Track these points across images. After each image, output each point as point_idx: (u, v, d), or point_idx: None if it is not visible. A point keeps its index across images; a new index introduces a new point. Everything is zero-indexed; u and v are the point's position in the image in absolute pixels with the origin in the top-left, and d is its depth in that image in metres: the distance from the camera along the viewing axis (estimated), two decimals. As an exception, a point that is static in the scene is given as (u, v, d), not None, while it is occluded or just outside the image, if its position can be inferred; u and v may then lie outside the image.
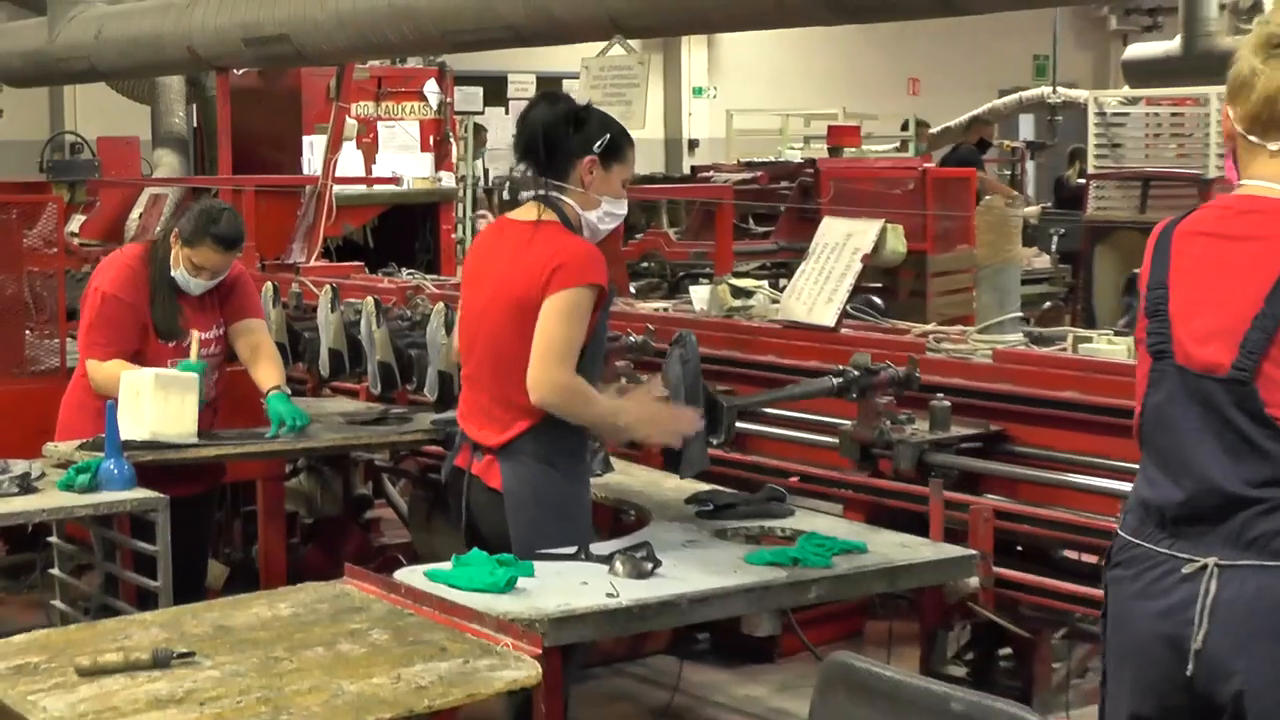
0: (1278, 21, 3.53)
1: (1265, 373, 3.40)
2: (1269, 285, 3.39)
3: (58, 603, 6.10)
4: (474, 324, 5.22)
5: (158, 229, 10.23)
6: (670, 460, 5.14)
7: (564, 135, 5.08)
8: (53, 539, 6.12)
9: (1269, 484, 3.41)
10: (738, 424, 6.43)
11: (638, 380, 6.70)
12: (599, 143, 5.08)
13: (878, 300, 9.08)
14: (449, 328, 6.63)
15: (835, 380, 5.47)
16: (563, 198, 5.09)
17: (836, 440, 5.70)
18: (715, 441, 5.23)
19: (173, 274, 6.43)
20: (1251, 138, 3.52)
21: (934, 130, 20.48)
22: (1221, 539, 3.45)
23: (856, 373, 5.41)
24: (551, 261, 4.95)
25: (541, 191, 5.11)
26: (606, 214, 5.15)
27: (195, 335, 6.46)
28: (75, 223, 11.10)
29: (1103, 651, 3.77)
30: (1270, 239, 3.43)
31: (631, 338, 6.74)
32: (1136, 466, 3.75)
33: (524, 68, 22.96)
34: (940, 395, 5.46)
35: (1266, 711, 3.27)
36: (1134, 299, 12.41)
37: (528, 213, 5.14)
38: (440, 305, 7.02)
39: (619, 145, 5.14)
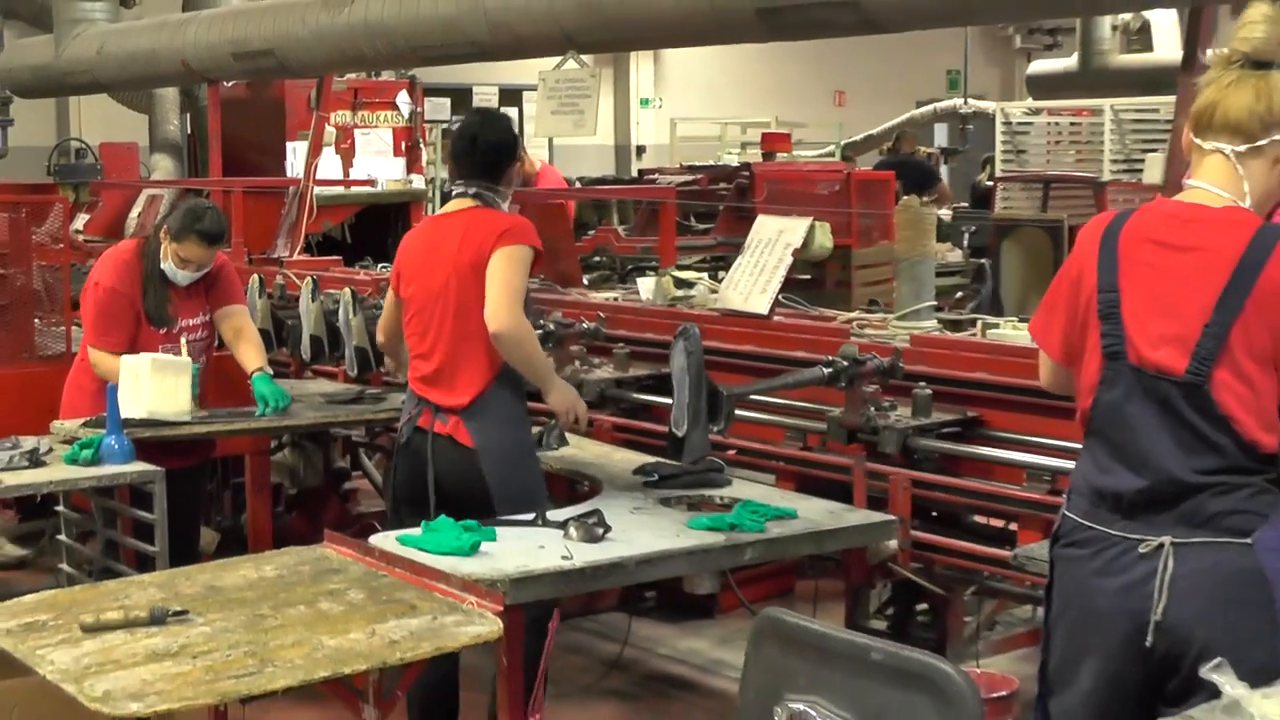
0: (1238, 39, 3.52)
1: (1217, 377, 3.39)
2: (1216, 294, 3.37)
3: (64, 566, 6.08)
4: (432, 302, 5.33)
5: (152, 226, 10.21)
6: (674, 447, 5.07)
7: (508, 150, 5.47)
8: (59, 508, 6.12)
9: (1221, 472, 3.42)
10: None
11: (591, 364, 6.71)
12: (516, 149, 5.51)
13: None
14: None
15: (825, 370, 5.39)
16: (496, 196, 5.41)
17: (825, 425, 5.56)
18: (715, 429, 5.14)
19: (162, 266, 6.41)
20: (1195, 138, 3.53)
21: (857, 138, 20.53)
22: (1175, 519, 3.44)
23: (845, 363, 5.34)
24: (499, 227, 5.27)
25: (484, 191, 5.40)
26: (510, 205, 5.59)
27: (184, 341, 6.48)
28: (80, 221, 11.05)
29: (1046, 621, 3.74)
30: (1212, 249, 3.41)
31: (585, 324, 6.74)
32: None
33: (487, 80, 22.92)
34: (923, 384, 5.36)
35: None
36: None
37: (458, 204, 5.44)
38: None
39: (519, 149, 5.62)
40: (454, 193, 5.55)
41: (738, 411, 6.04)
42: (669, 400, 6.44)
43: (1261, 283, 3.34)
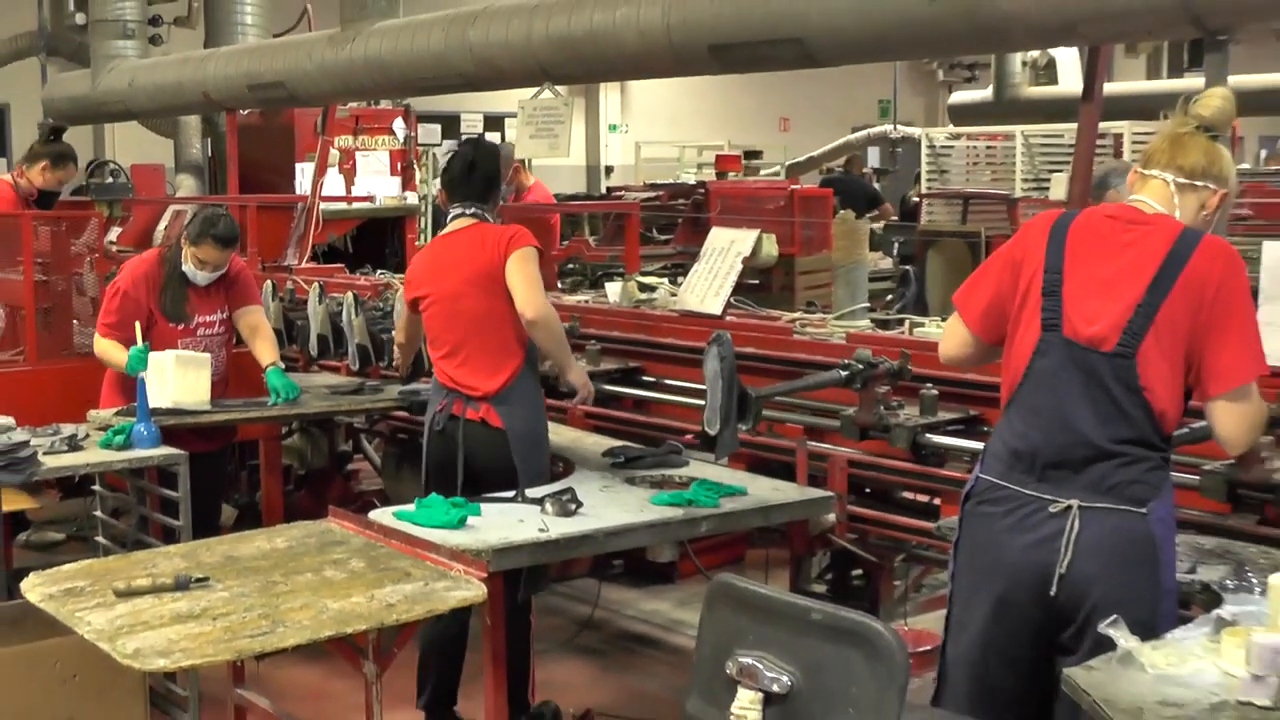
0: (1199, 106, 3.70)
1: (1143, 351, 3.46)
2: (1148, 281, 3.48)
3: (100, 538, 6.06)
4: (450, 306, 5.41)
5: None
6: (706, 444, 4.96)
7: (496, 175, 5.61)
8: (96, 488, 6.11)
9: (1129, 442, 3.48)
10: (642, 392, 6.47)
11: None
12: (502, 175, 5.66)
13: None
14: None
15: (842, 373, 5.27)
16: (488, 214, 5.51)
17: (838, 423, 5.39)
18: (744, 427, 4.98)
19: (183, 269, 6.42)
20: (1142, 170, 3.70)
21: (799, 159, 20.52)
22: (1082, 485, 3.50)
23: (860, 366, 5.23)
24: (505, 235, 5.36)
25: (480, 210, 5.50)
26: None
27: (199, 335, 6.51)
28: (113, 233, 10.97)
29: (953, 572, 3.77)
30: (1145, 245, 3.53)
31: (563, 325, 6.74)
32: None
33: (473, 108, 22.87)
34: (929, 385, 5.24)
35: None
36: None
37: (460, 224, 5.49)
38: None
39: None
40: (453, 214, 5.57)
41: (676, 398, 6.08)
42: (636, 391, 6.48)
43: (1187, 271, 3.45)
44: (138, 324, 6.29)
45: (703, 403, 6.04)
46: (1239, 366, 3.46)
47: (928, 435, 5.16)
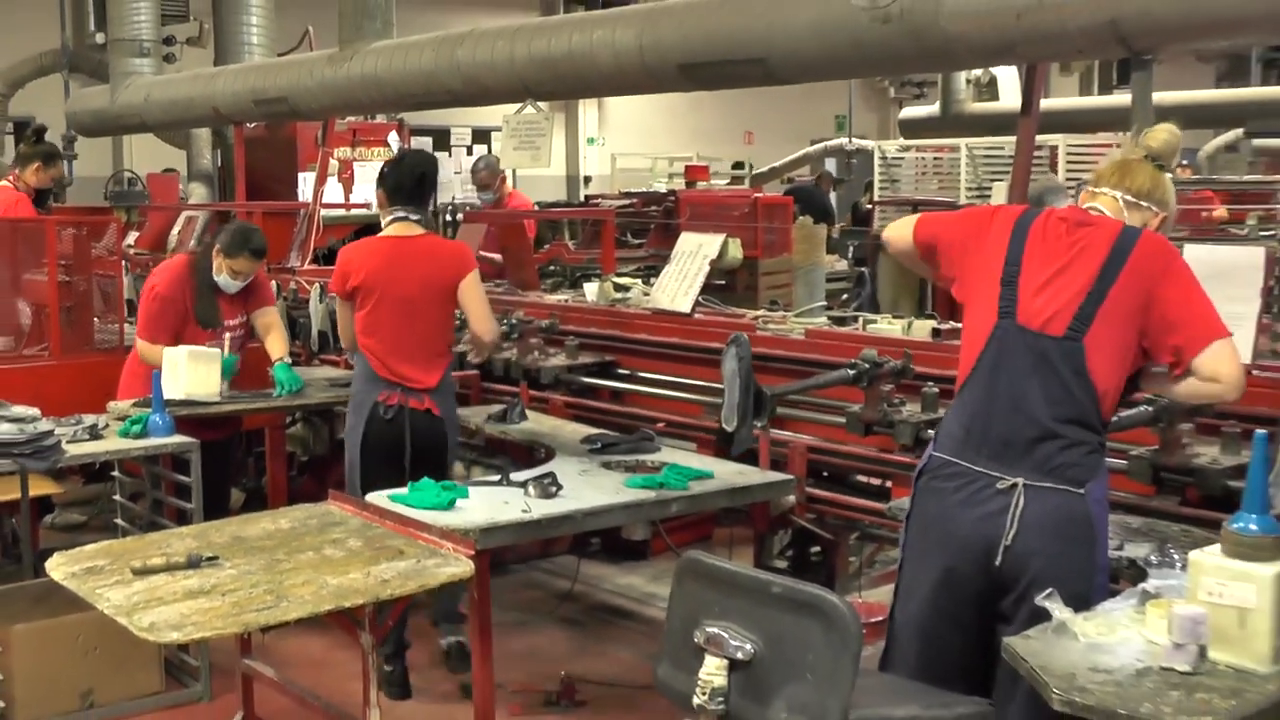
0: (1149, 137, 3.78)
1: (1091, 336, 3.50)
2: (1095, 273, 3.53)
3: (119, 520, 6.05)
4: (402, 308, 5.50)
5: (192, 243, 10.14)
6: (724, 440, 4.81)
7: (430, 182, 5.67)
8: (115, 473, 6.12)
9: (1072, 422, 3.51)
10: (629, 386, 6.47)
11: (547, 353, 6.69)
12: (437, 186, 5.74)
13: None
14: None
15: (850, 371, 5.16)
16: (424, 222, 5.65)
17: (844, 419, 5.25)
18: (759, 424, 4.91)
19: (215, 279, 6.45)
20: (1093, 188, 3.76)
21: (761, 169, 20.51)
22: (1028, 465, 3.52)
23: (867, 365, 5.16)
24: (458, 253, 5.63)
25: (424, 215, 5.67)
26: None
27: (226, 338, 6.53)
28: (131, 237, 10.92)
29: (904, 542, 3.78)
30: (1092, 243, 3.58)
31: (542, 321, 6.73)
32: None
33: (462, 122, 22.77)
34: (930, 384, 5.10)
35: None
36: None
37: (409, 229, 5.58)
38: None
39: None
40: (395, 217, 5.60)
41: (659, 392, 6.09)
42: (611, 383, 6.47)
43: (1131, 261, 3.51)
44: (226, 337, 6.49)
45: (675, 394, 6.08)
46: (1209, 326, 3.49)
47: (929, 430, 5.17)
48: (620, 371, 6.56)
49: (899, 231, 4.00)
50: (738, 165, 18.79)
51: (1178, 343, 3.49)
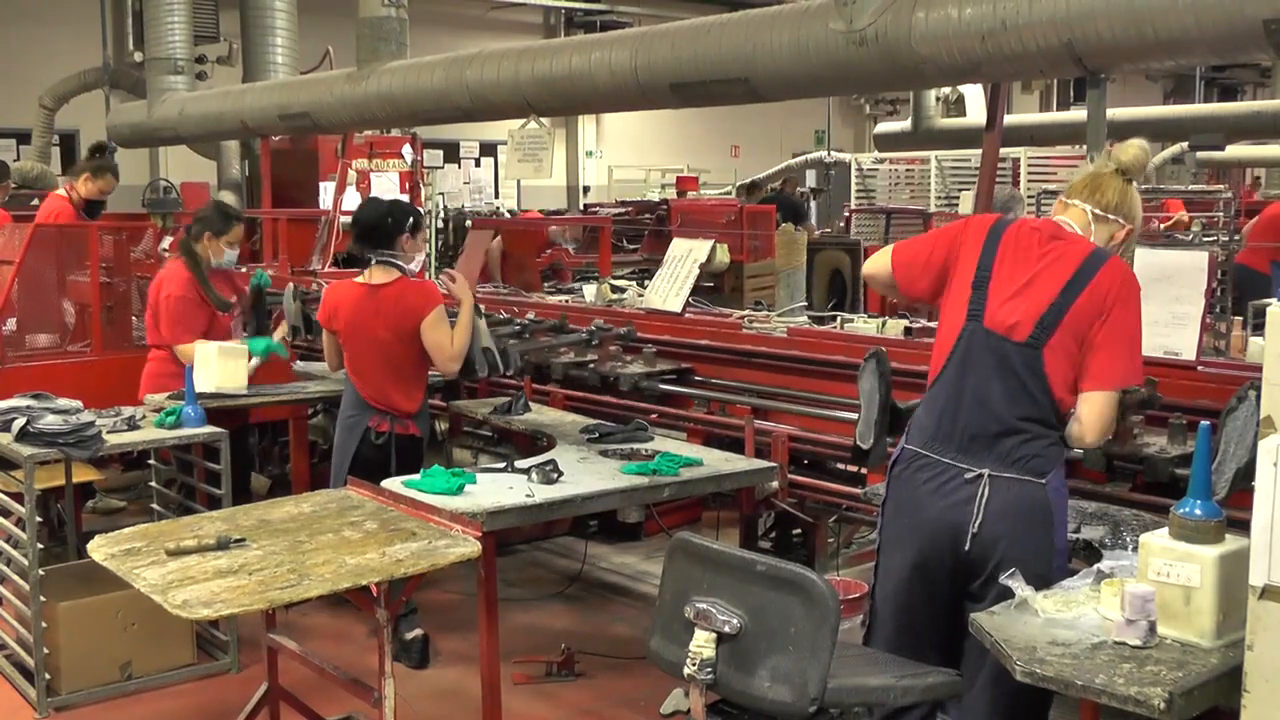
0: (1119, 151, 3.73)
1: (1049, 345, 3.50)
2: (1060, 286, 3.52)
3: (154, 505, 6.04)
4: (374, 349, 5.61)
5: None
6: (858, 457, 4.50)
7: (390, 224, 5.64)
8: (151, 461, 6.11)
9: (1032, 420, 3.51)
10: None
11: (556, 349, 6.67)
12: (407, 225, 5.64)
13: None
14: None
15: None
16: (396, 260, 5.63)
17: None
18: (891, 440, 4.24)
19: (213, 263, 6.49)
20: (1066, 199, 3.73)
21: (745, 181, 20.50)
22: (993, 457, 3.52)
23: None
24: (421, 298, 5.58)
25: (398, 260, 5.64)
26: (416, 262, 5.81)
27: (284, 326, 6.74)
28: (166, 242, 10.89)
29: (880, 527, 3.79)
30: (1064, 257, 3.56)
31: (550, 322, 6.71)
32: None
33: (470, 136, 22.80)
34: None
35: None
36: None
37: (385, 274, 5.63)
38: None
39: (417, 224, 5.70)
40: (375, 261, 5.65)
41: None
42: (690, 390, 6.34)
43: (1094, 283, 3.49)
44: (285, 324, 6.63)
45: (663, 388, 6.06)
46: (1114, 370, 3.49)
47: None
48: (696, 379, 6.12)
49: (877, 264, 3.96)
50: (754, 186, 18.61)
51: (1089, 366, 3.49)
